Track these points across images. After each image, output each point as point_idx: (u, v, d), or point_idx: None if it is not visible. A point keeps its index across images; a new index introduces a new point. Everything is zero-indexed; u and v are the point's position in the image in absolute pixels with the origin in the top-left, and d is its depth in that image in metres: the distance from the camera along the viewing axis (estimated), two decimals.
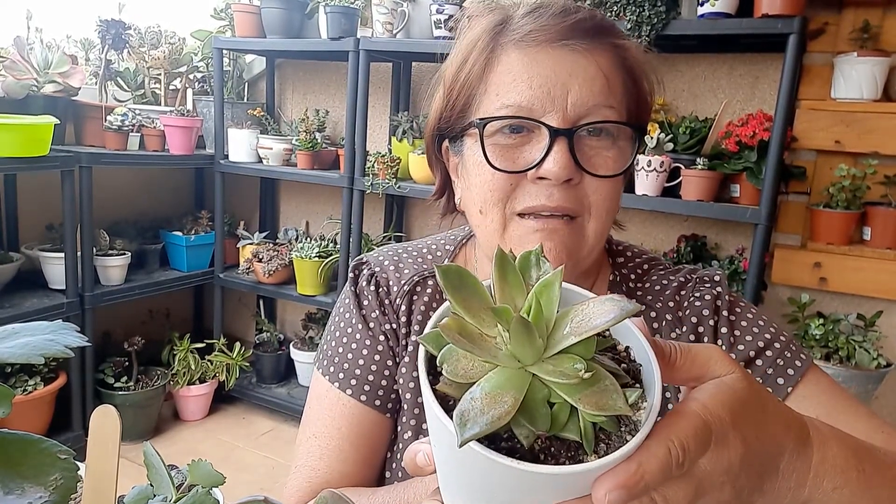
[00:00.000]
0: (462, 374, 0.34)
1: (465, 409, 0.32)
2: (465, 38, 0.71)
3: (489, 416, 0.31)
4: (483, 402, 0.32)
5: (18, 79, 2.15)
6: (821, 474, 0.42)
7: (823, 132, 1.97)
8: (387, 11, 2.30)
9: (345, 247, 2.50)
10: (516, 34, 0.66)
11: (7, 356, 0.36)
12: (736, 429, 0.37)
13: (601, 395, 0.33)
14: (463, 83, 0.69)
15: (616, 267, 0.80)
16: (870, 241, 1.95)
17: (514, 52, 0.66)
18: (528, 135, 0.66)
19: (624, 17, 1.88)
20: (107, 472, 0.46)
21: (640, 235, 2.36)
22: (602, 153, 0.66)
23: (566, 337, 0.34)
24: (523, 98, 0.65)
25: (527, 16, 0.67)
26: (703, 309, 0.74)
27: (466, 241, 0.85)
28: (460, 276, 0.36)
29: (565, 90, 0.64)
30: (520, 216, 0.67)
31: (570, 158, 0.64)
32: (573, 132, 0.64)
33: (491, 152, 0.66)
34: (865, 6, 1.90)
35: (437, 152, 0.78)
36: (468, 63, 0.69)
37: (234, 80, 2.91)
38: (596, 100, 0.64)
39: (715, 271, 0.78)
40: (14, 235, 2.35)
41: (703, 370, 0.39)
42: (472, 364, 0.34)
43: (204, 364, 2.70)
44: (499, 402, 0.32)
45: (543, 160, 0.64)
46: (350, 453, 0.77)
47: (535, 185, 0.66)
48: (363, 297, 0.81)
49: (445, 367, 0.34)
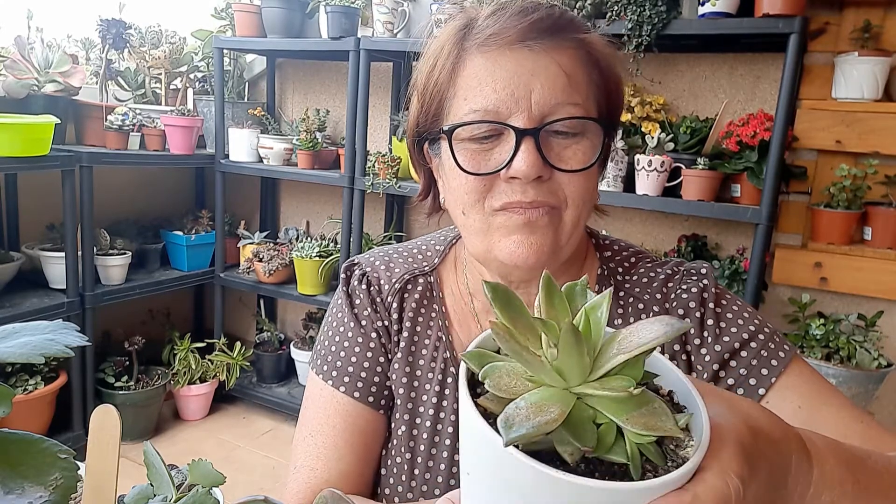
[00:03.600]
0: (505, 389, 0.33)
1: (510, 414, 0.31)
2: (433, 43, 0.72)
3: (535, 422, 0.31)
4: (529, 410, 0.31)
5: (19, 78, 2.15)
6: (819, 488, 0.43)
7: (824, 132, 1.97)
8: (387, 11, 2.30)
9: (345, 247, 2.50)
10: (478, 38, 0.67)
11: (7, 356, 0.36)
12: (761, 450, 0.37)
13: (650, 416, 0.32)
14: (433, 89, 0.71)
15: (603, 261, 0.81)
16: (870, 241, 1.95)
17: (477, 57, 0.67)
18: (497, 138, 0.68)
19: (624, 17, 1.88)
20: (107, 471, 0.45)
21: (640, 235, 2.35)
22: (571, 147, 0.67)
23: (614, 356, 0.33)
24: (489, 102, 0.66)
25: (488, 18, 0.68)
26: (689, 301, 0.75)
27: (456, 241, 0.86)
28: (507, 294, 0.37)
29: (528, 90, 0.65)
30: (500, 211, 0.68)
31: (538, 156, 0.65)
32: (538, 131, 0.65)
33: (462, 157, 0.68)
34: (866, 6, 1.90)
35: (419, 154, 0.80)
36: (436, 69, 0.70)
37: (234, 80, 2.91)
38: (558, 98, 0.65)
39: (702, 264, 0.79)
40: (14, 235, 2.35)
41: None
42: (515, 381, 0.33)
43: (204, 364, 2.71)
44: (545, 411, 0.31)
45: (512, 160, 0.65)
46: (345, 450, 0.78)
47: (509, 184, 0.67)
48: (355, 297, 0.82)
49: (488, 381, 0.33)
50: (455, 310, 0.82)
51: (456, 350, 0.80)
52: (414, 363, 0.80)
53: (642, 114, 2.09)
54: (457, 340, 0.80)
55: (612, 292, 0.77)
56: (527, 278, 0.75)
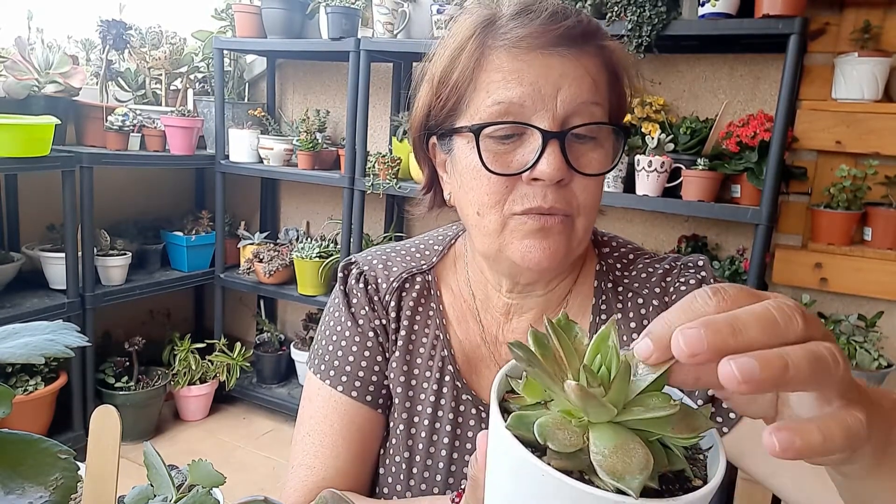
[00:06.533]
0: (568, 444, 0.34)
1: (612, 465, 0.32)
2: (453, 37, 0.72)
3: (638, 466, 0.32)
4: (616, 457, 0.32)
5: (19, 79, 2.15)
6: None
7: (824, 132, 1.97)
8: (387, 12, 2.30)
9: (345, 247, 2.50)
10: (507, 39, 0.67)
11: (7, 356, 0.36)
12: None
13: (689, 418, 0.34)
14: (453, 83, 0.70)
15: (602, 257, 0.82)
16: (871, 242, 1.95)
17: (503, 54, 0.68)
18: (519, 138, 0.68)
19: (625, 18, 1.88)
20: (107, 472, 0.46)
21: (640, 236, 2.36)
22: (589, 154, 0.69)
23: (645, 376, 0.34)
24: (514, 94, 0.66)
25: (515, 18, 0.68)
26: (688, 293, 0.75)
27: (455, 240, 0.87)
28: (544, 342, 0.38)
29: (555, 90, 0.66)
30: (517, 215, 0.68)
31: (563, 160, 0.66)
32: (564, 135, 0.66)
33: (486, 157, 0.68)
34: (866, 6, 1.90)
35: (425, 149, 0.79)
36: (459, 62, 0.70)
37: (234, 81, 2.91)
38: (584, 97, 0.67)
39: (699, 257, 0.80)
40: (15, 235, 2.35)
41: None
42: (568, 434, 0.34)
43: (204, 364, 2.71)
44: (630, 452, 0.32)
45: (537, 162, 0.66)
46: (343, 449, 0.78)
47: (530, 186, 0.67)
48: (352, 296, 0.82)
49: (550, 444, 0.34)
50: (453, 308, 0.82)
51: (454, 349, 0.80)
52: (412, 362, 0.80)
53: (642, 114, 2.09)
54: (454, 339, 0.80)
55: (612, 289, 0.78)
56: (534, 280, 0.76)
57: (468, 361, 0.80)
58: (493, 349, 0.80)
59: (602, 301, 0.79)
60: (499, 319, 0.80)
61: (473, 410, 0.78)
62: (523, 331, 0.79)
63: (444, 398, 0.78)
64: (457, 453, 0.78)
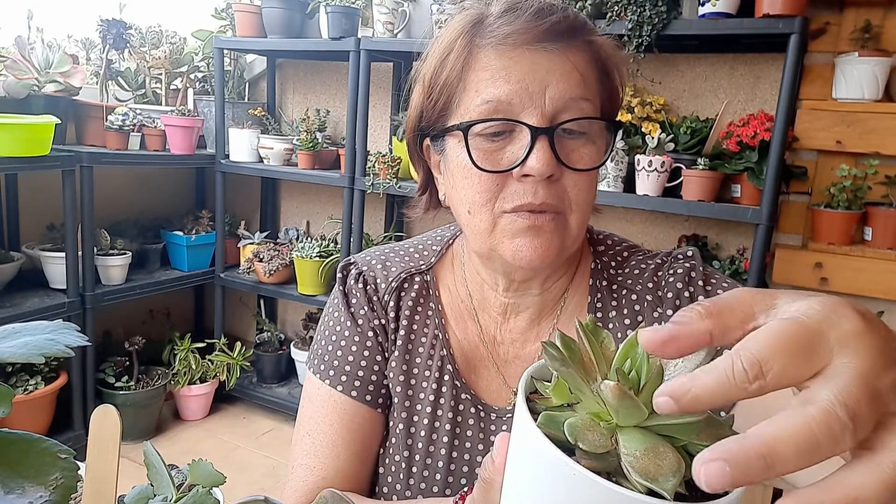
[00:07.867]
0: (598, 445, 0.34)
1: (644, 467, 0.32)
2: (442, 38, 0.72)
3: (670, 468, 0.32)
4: (648, 459, 0.32)
5: (19, 78, 2.15)
6: None
7: (824, 132, 1.97)
8: (387, 11, 2.30)
9: (345, 247, 2.50)
10: (493, 37, 0.67)
11: (7, 356, 0.36)
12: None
13: (715, 427, 0.34)
14: (443, 84, 0.71)
15: (597, 255, 0.82)
16: (871, 242, 1.95)
17: (491, 52, 0.68)
18: (509, 135, 0.68)
19: (625, 17, 1.88)
20: (107, 471, 0.46)
21: (640, 235, 2.35)
22: (579, 149, 0.68)
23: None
24: (502, 92, 0.66)
25: (502, 16, 0.68)
26: (677, 283, 0.76)
27: (454, 239, 0.87)
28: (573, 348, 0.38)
29: (543, 86, 0.66)
30: (508, 213, 0.68)
31: (552, 155, 0.66)
32: (553, 130, 0.66)
33: (475, 155, 0.68)
34: (867, 6, 1.90)
35: (419, 150, 0.80)
36: (447, 62, 0.70)
37: (234, 80, 2.91)
38: (573, 93, 0.66)
39: (689, 248, 0.80)
40: (15, 235, 2.35)
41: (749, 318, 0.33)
42: (598, 435, 0.34)
43: (204, 364, 2.70)
44: (661, 455, 0.33)
45: (527, 158, 0.66)
46: (343, 449, 0.78)
47: (521, 182, 0.67)
48: (351, 296, 0.83)
49: (581, 444, 0.34)
50: (452, 308, 0.82)
51: (453, 348, 0.80)
52: (411, 361, 0.80)
53: (642, 114, 2.09)
54: (453, 338, 0.81)
55: (606, 287, 0.78)
56: (529, 277, 0.76)
57: (467, 361, 0.80)
58: (490, 349, 0.80)
59: (597, 299, 0.79)
60: (496, 319, 0.80)
61: (472, 410, 0.78)
62: (520, 330, 0.79)
63: (444, 398, 0.79)
64: (456, 452, 0.78)
